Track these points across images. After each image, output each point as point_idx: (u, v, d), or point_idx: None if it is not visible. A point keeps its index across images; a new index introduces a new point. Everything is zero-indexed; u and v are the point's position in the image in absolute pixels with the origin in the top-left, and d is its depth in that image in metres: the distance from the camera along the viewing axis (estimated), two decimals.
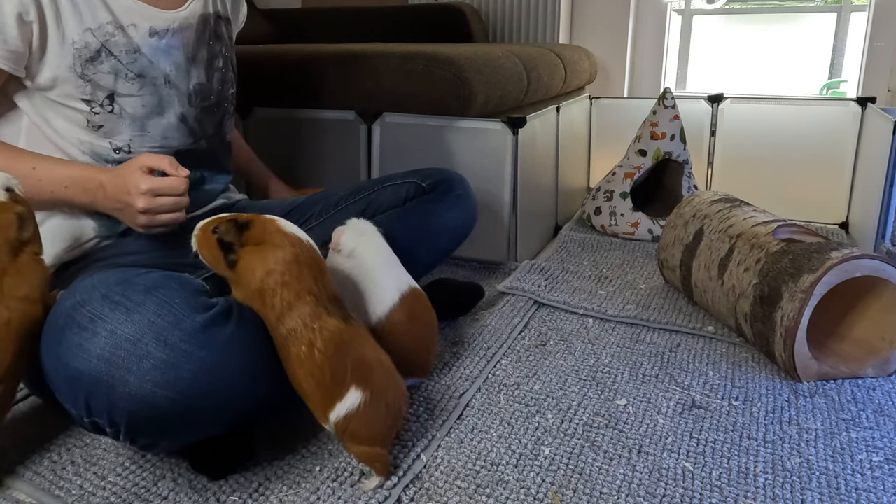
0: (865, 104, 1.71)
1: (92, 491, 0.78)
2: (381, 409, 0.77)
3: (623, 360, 1.08)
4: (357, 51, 1.53)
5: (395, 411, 0.80)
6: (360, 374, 0.77)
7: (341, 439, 0.78)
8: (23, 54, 0.84)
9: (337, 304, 0.80)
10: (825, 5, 2.81)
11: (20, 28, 0.82)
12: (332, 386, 0.75)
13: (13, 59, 0.84)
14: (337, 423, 0.76)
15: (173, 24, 0.95)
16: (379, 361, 0.80)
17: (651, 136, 1.72)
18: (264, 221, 0.80)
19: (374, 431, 0.77)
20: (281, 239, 0.79)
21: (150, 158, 0.88)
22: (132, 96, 0.91)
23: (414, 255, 1.14)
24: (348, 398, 0.75)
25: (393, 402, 0.79)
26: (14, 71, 0.85)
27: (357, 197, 1.15)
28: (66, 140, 0.90)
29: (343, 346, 0.76)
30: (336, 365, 0.75)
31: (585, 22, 2.61)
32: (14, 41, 0.83)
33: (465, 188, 1.19)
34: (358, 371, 0.77)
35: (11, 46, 0.83)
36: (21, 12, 0.82)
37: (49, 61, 0.86)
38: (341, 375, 0.76)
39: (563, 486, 0.79)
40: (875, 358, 1.02)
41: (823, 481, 0.79)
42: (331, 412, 0.76)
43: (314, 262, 0.80)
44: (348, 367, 0.76)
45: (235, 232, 0.79)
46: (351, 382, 0.76)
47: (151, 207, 0.87)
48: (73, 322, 0.71)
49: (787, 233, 1.11)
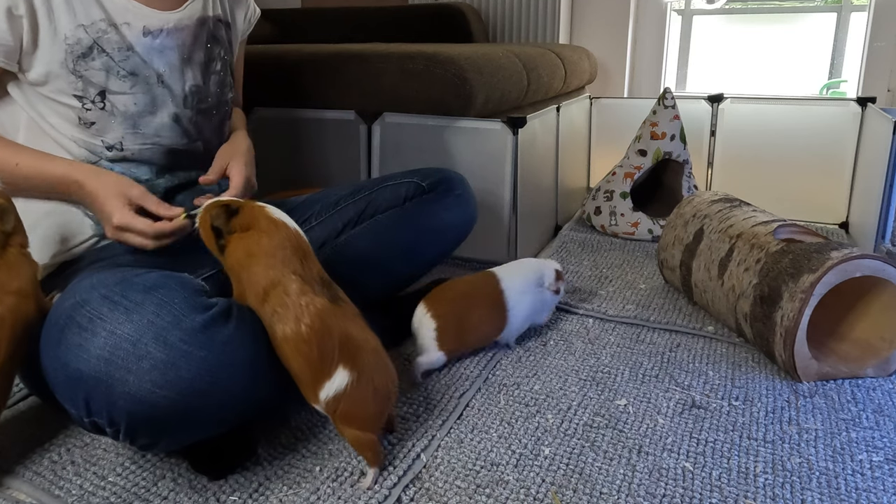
0: (865, 104, 1.71)
1: (92, 491, 0.78)
2: (369, 392, 0.77)
3: (623, 360, 1.08)
4: (357, 51, 1.53)
5: (384, 395, 0.79)
6: (348, 354, 0.77)
7: (333, 421, 0.78)
8: (13, 48, 0.85)
9: (325, 285, 0.81)
10: (825, 5, 2.81)
11: (9, 22, 0.83)
12: (319, 363, 0.76)
13: (3, 53, 0.84)
14: (327, 403, 0.76)
15: (168, 24, 0.94)
16: (366, 342, 0.80)
17: (651, 136, 1.72)
18: (252, 207, 0.83)
19: (364, 413, 0.77)
20: (267, 224, 0.81)
21: (138, 193, 0.87)
22: (124, 94, 0.91)
23: (414, 255, 1.14)
24: (336, 377, 0.76)
25: (381, 385, 0.79)
26: (6, 65, 0.85)
27: (357, 197, 1.14)
28: (63, 135, 0.91)
29: (330, 323, 0.77)
30: (323, 341, 0.76)
31: (585, 22, 2.61)
32: (4, 35, 0.83)
33: (465, 188, 1.19)
34: (345, 350, 0.77)
35: (1, 40, 0.83)
36: (10, 6, 0.82)
37: (41, 57, 0.86)
38: (329, 352, 0.76)
39: (563, 486, 0.79)
40: (875, 358, 1.02)
41: (823, 481, 0.79)
42: (320, 391, 0.76)
43: (300, 245, 0.81)
44: (336, 345, 0.76)
45: (225, 218, 0.81)
46: (339, 361, 0.76)
47: (118, 238, 0.88)
48: (73, 322, 0.71)
49: (787, 233, 1.11)
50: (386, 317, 1.12)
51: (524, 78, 1.66)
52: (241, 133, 1.12)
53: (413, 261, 1.14)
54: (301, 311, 0.76)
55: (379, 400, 0.79)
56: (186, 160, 1.00)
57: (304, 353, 0.75)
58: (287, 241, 0.80)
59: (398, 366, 1.06)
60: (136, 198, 0.87)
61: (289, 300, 0.77)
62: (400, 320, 1.14)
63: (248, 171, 1.01)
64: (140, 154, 0.94)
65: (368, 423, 0.78)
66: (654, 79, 2.67)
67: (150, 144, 0.95)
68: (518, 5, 2.53)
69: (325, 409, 0.77)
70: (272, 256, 0.78)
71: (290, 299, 0.77)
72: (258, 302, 0.78)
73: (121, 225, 0.85)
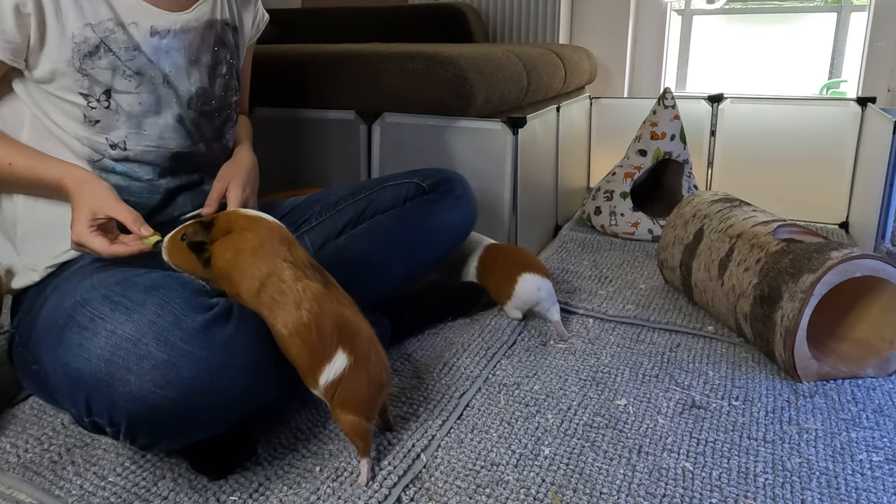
0: (865, 104, 1.71)
1: (92, 491, 0.78)
2: (364, 377, 0.77)
3: (623, 360, 1.08)
4: (357, 51, 1.53)
5: (378, 382, 0.79)
6: (346, 337, 0.77)
7: (329, 406, 0.78)
8: (21, 45, 0.85)
9: (316, 269, 0.81)
10: (825, 5, 2.81)
11: (17, 19, 0.83)
12: (319, 346, 0.76)
13: (11, 51, 0.84)
14: (326, 388, 0.76)
15: (175, 25, 0.95)
16: (361, 328, 0.80)
17: (651, 136, 1.72)
18: (227, 214, 0.84)
19: (359, 398, 0.77)
20: (246, 222, 0.82)
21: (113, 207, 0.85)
22: (129, 93, 0.91)
23: (414, 255, 1.14)
24: (336, 360, 0.76)
25: (375, 372, 0.79)
26: (13, 62, 0.85)
27: (357, 197, 1.14)
28: (67, 133, 0.91)
29: (327, 306, 0.77)
30: (322, 324, 0.76)
31: (585, 22, 2.61)
32: (11, 31, 0.83)
33: (465, 188, 1.19)
34: (343, 333, 0.77)
35: (9, 37, 0.83)
36: (18, 4, 0.82)
37: (48, 54, 0.86)
38: (329, 335, 0.76)
39: (563, 486, 0.79)
40: (875, 358, 1.02)
41: (823, 481, 0.79)
42: (320, 375, 0.76)
43: (283, 236, 0.82)
44: (335, 328, 0.76)
45: (202, 231, 0.81)
46: (338, 344, 0.76)
47: (77, 251, 0.88)
48: (74, 322, 0.71)
49: (787, 233, 1.11)
50: (386, 317, 1.12)
51: (524, 78, 1.66)
52: (245, 149, 1.09)
53: (413, 261, 1.14)
54: (299, 296, 0.76)
55: (373, 387, 0.79)
56: (189, 162, 1.00)
57: (305, 336, 0.76)
58: (271, 232, 0.81)
59: (398, 365, 1.06)
60: (109, 211, 0.85)
61: (285, 286, 0.77)
62: (400, 320, 1.14)
63: (245, 194, 0.98)
64: (143, 155, 0.94)
65: (363, 409, 0.78)
66: (654, 79, 2.67)
67: (154, 147, 0.95)
68: (518, 5, 2.53)
69: (323, 394, 0.77)
70: (260, 248, 0.79)
71: (286, 286, 0.77)
72: (253, 296, 0.78)
73: (77, 241, 0.85)
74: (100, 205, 0.85)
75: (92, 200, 0.85)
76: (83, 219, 0.84)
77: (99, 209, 0.85)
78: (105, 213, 0.84)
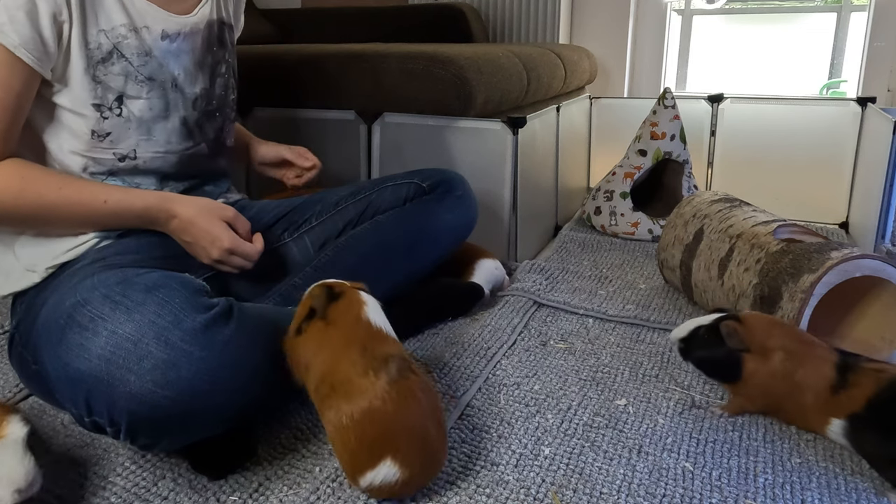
0: (865, 104, 1.71)
1: (92, 491, 0.78)
2: (413, 490, 0.75)
3: (623, 360, 1.08)
4: (357, 51, 1.53)
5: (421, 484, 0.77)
6: (395, 445, 0.71)
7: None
8: (55, 55, 0.82)
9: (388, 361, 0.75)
10: (825, 5, 2.81)
11: (54, 28, 0.81)
12: (358, 450, 0.71)
13: (48, 63, 0.82)
14: (369, 489, 0.73)
15: (185, 28, 0.94)
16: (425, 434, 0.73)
17: (651, 136, 1.72)
18: (351, 302, 0.80)
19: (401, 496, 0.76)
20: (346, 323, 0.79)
21: (232, 215, 0.91)
22: (140, 98, 0.91)
23: (414, 255, 1.14)
24: (381, 469, 0.71)
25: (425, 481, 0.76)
26: (43, 73, 0.83)
27: (357, 197, 1.15)
28: (64, 153, 0.89)
29: (379, 411, 0.71)
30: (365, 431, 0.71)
31: (585, 22, 2.61)
32: (51, 43, 0.81)
33: (466, 189, 1.19)
34: (393, 441, 0.71)
35: (50, 49, 0.81)
36: (55, 12, 0.80)
37: (70, 62, 0.85)
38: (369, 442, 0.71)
39: (563, 486, 0.79)
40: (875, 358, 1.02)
41: (823, 481, 0.79)
42: (360, 478, 0.72)
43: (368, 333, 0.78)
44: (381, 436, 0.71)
45: (324, 300, 0.80)
46: (386, 453, 0.71)
47: (224, 261, 0.91)
48: (74, 322, 0.71)
49: (787, 233, 1.11)
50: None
51: (524, 78, 1.66)
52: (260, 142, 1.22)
53: (413, 261, 1.14)
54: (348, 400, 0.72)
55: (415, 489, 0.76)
56: (191, 166, 1.00)
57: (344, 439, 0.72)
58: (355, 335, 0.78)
59: None
60: (231, 220, 0.90)
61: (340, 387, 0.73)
62: (400, 320, 1.14)
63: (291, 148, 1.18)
64: (151, 162, 0.94)
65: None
66: (654, 79, 2.67)
67: (162, 152, 0.95)
68: (518, 5, 2.53)
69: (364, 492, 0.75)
70: (331, 360, 0.76)
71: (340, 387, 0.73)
72: (313, 392, 0.77)
73: (232, 248, 0.87)
74: (222, 213, 0.89)
75: (213, 210, 0.89)
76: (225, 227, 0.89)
77: (224, 216, 0.89)
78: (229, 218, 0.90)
